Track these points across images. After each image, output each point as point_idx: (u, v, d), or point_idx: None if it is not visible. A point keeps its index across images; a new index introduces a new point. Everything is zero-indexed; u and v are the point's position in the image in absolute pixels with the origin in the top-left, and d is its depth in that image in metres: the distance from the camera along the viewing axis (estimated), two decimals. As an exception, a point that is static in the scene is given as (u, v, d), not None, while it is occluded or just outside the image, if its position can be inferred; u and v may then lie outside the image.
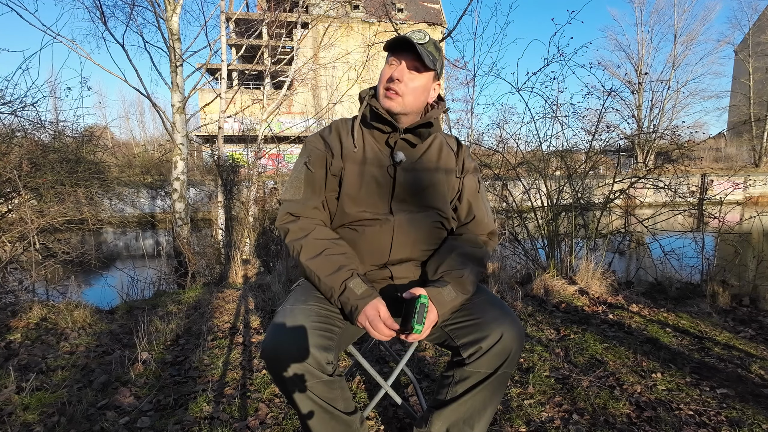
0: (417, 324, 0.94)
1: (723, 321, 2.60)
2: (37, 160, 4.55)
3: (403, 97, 1.08)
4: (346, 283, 1.02)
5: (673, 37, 26.97)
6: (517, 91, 4.15)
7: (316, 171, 1.13)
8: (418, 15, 25.58)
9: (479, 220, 1.21)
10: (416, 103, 1.11)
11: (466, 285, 1.07)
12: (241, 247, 4.72)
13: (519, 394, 1.70)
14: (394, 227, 1.10)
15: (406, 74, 1.08)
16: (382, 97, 1.10)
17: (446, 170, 1.18)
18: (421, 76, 1.09)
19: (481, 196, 1.23)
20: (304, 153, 1.17)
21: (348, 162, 1.12)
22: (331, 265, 1.04)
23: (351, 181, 1.11)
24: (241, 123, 9.41)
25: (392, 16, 8.06)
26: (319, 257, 1.06)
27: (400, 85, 1.07)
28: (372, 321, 0.98)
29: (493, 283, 3.21)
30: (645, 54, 27.12)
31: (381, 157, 1.14)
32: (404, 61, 1.08)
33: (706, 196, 4.47)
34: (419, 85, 1.10)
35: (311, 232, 1.09)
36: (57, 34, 5.32)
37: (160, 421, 1.53)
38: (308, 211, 1.12)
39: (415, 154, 1.16)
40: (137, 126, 34.70)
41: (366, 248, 1.12)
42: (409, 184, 1.13)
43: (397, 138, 1.14)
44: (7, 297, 3.24)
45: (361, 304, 0.99)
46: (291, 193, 1.14)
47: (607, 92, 3.82)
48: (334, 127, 1.19)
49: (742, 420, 1.50)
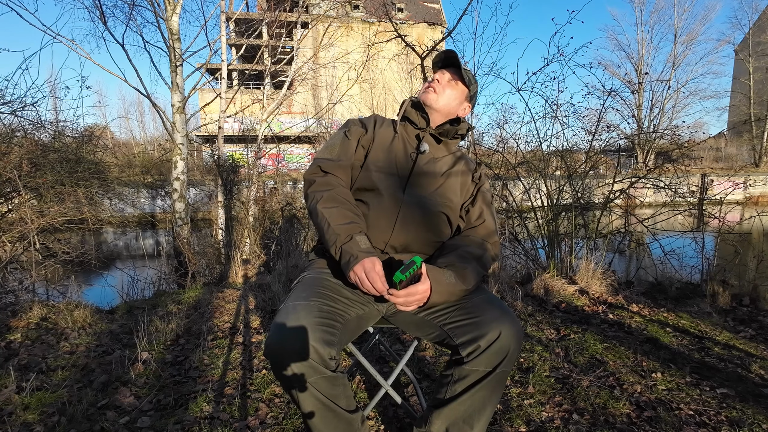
0: (399, 273, 0.95)
1: (723, 321, 2.60)
2: (37, 160, 4.54)
3: (438, 94, 1.27)
4: (353, 235, 1.07)
5: (673, 36, 26.98)
6: (517, 91, 4.14)
7: (352, 139, 1.26)
8: (418, 15, 25.57)
9: (487, 226, 1.26)
10: (448, 105, 1.29)
11: (467, 277, 1.10)
12: (241, 247, 4.72)
13: (519, 393, 1.70)
14: (401, 206, 1.17)
15: (447, 81, 1.29)
16: (423, 91, 1.31)
17: (462, 176, 1.29)
18: (457, 87, 1.29)
19: (492, 209, 1.32)
20: (344, 126, 1.32)
21: (378, 140, 1.27)
22: (344, 218, 1.10)
23: (376, 156, 1.23)
24: (241, 123, 9.41)
25: (392, 16, 8.06)
26: (335, 208, 1.12)
27: (439, 85, 1.28)
28: (368, 272, 1.00)
29: (493, 282, 3.21)
30: (645, 54, 27.12)
31: (407, 145, 1.28)
32: (447, 72, 1.31)
33: (706, 196, 4.47)
34: (453, 92, 1.29)
35: (335, 188, 1.16)
36: (57, 33, 5.31)
37: (160, 421, 1.53)
38: (337, 170, 1.21)
39: (438, 152, 1.30)
40: (137, 126, 34.72)
41: (371, 222, 1.17)
42: (426, 173, 1.24)
43: (425, 134, 1.29)
44: (7, 297, 3.24)
45: (361, 255, 1.03)
46: (326, 152, 1.25)
47: (608, 92, 3.82)
48: (371, 116, 1.35)
49: (742, 420, 1.50)
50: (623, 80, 7.67)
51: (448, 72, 1.30)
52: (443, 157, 1.29)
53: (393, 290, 0.98)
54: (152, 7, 5.99)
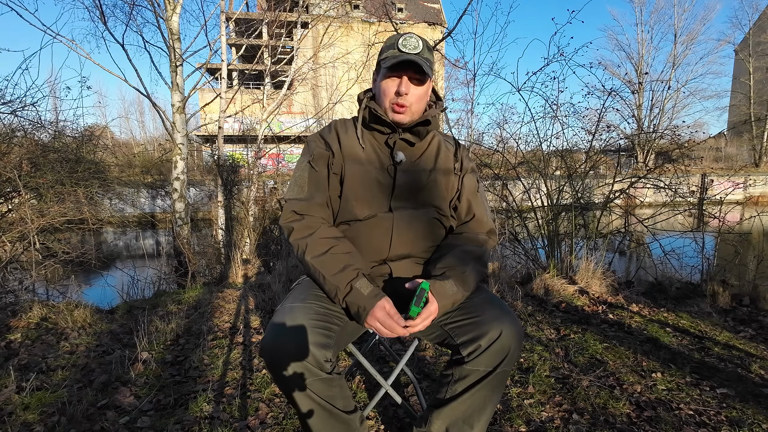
0: (414, 306, 0.95)
1: (723, 321, 2.60)
2: (37, 160, 4.55)
3: (410, 107, 1.12)
4: (352, 284, 1.01)
5: (673, 36, 26.99)
6: (517, 91, 4.15)
7: (319, 170, 1.15)
8: (418, 15, 25.57)
9: (479, 219, 1.22)
10: (421, 109, 1.16)
11: (467, 281, 1.08)
12: (241, 246, 4.72)
13: (519, 393, 1.70)
14: (393, 223, 1.13)
15: (411, 87, 1.11)
16: (389, 111, 1.13)
17: (445, 170, 1.20)
18: (422, 88, 1.13)
19: (480, 195, 1.25)
20: (307, 152, 1.19)
21: (349, 161, 1.14)
22: (337, 264, 1.04)
23: (353, 180, 1.13)
24: (241, 123, 9.41)
25: (392, 15, 8.06)
26: (325, 256, 1.06)
27: (406, 98, 1.11)
28: (383, 322, 0.98)
29: (493, 282, 3.21)
30: (645, 54, 27.14)
31: (381, 157, 1.17)
32: (405, 74, 1.10)
33: (706, 196, 4.47)
34: (423, 93, 1.14)
35: (317, 230, 1.10)
36: (57, 33, 5.32)
37: (160, 421, 1.53)
38: (313, 209, 1.13)
39: (415, 153, 1.19)
40: (137, 126, 34.69)
41: (366, 245, 1.13)
42: (409, 183, 1.16)
43: (396, 138, 1.16)
44: (7, 297, 3.24)
45: (369, 305, 0.99)
46: (295, 191, 1.15)
47: (608, 92, 3.82)
48: (333, 127, 1.21)
49: (742, 420, 1.50)
50: (623, 80, 7.68)
51: (406, 73, 1.10)
52: (421, 155, 1.20)
53: (410, 322, 0.98)
54: (152, 7, 5.99)
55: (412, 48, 1.09)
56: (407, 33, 1.12)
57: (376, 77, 1.20)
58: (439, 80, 11.50)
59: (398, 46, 1.09)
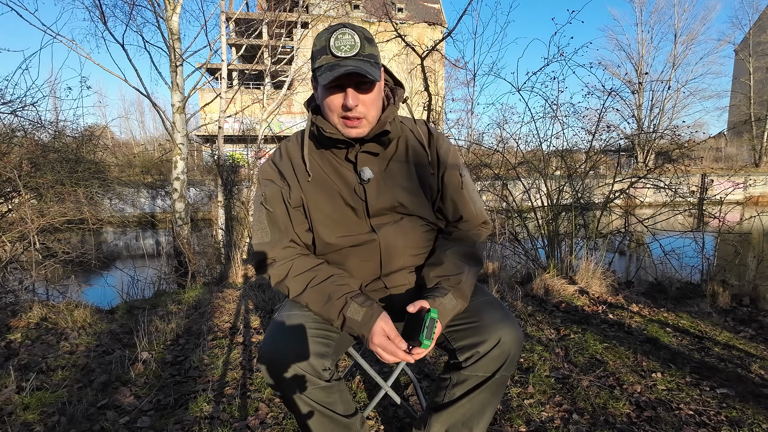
0: (426, 339, 0.89)
1: (723, 321, 2.60)
2: (37, 160, 4.55)
3: (365, 117, 0.98)
4: (343, 314, 0.95)
5: (674, 36, 27.00)
6: (517, 91, 4.14)
7: (275, 209, 1.05)
8: (418, 15, 25.57)
9: (467, 218, 1.11)
10: (378, 112, 1.01)
11: (465, 290, 1.02)
12: (241, 246, 4.72)
13: (519, 393, 1.70)
14: (380, 244, 1.05)
15: (360, 97, 0.96)
16: (342, 127, 0.99)
17: (420, 171, 1.09)
18: (372, 90, 0.97)
19: (465, 190, 1.11)
20: (259, 190, 1.08)
21: (309, 190, 1.04)
22: (321, 296, 0.99)
23: (319, 209, 1.04)
24: (241, 123, 9.41)
25: (392, 16, 8.06)
26: (306, 291, 1.00)
27: (358, 109, 0.96)
28: (384, 347, 0.92)
29: (493, 283, 3.21)
30: (645, 54, 27.14)
31: (346, 174, 1.05)
32: (348, 85, 0.94)
33: (707, 196, 4.46)
34: (374, 97, 0.98)
35: (290, 269, 1.03)
36: (57, 33, 5.32)
37: (160, 421, 1.53)
38: (280, 252, 1.04)
39: (382, 163, 1.07)
40: (137, 126, 34.71)
41: (356, 267, 1.07)
42: (383, 199, 1.05)
43: (357, 151, 1.03)
44: (7, 297, 3.25)
45: (366, 332, 0.93)
46: (259, 236, 1.07)
47: (608, 92, 3.82)
48: (284, 151, 1.09)
49: (742, 420, 1.49)
50: (623, 80, 7.68)
51: (350, 87, 0.94)
52: (388, 163, 1.07)
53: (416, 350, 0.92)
54: (152, 6, 5.99)
55: (348, 49, 0.92)
56: (339, 27, 0.94)
57: (315, 85, 1.03)
58: (439, 80, 11.50)
59: (331, 50, 0.92)
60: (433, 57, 6.13)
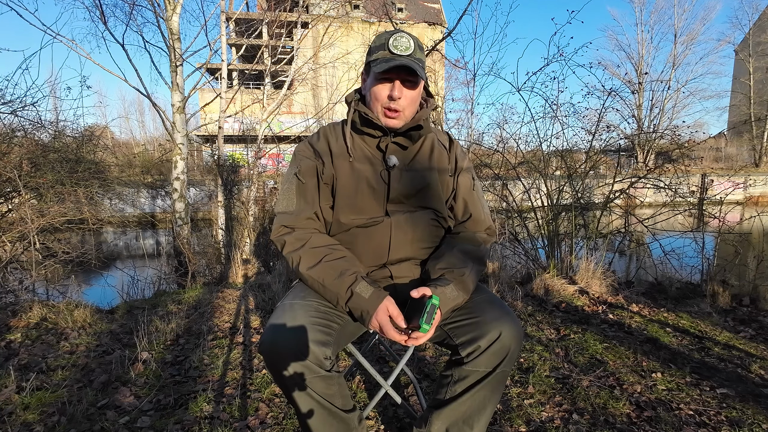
0: (425, 323, 0.93)
1: (723, 321, 2.60)
2: (37, 160, 4.55)
3: (403, 111, 1.09)
4: (352, 289, 1.01)
5: (673, 36, 26.99)
6: (517, 91, 4.15)
7: (307, 181, 1.13)
8: (418, 15, 25.57)
9: (476, 218, 1.20)
10: (414, 111, 1.13)
11: (467, 284, 1.07)
12: (241, 246, 4.72)
13: (519, 393, 1.70)
14: (392, 228, 1.11)
15: (404, 91, 1.08)
16: (382, 116, 1.10)
17: (439, 170, 1.18)
18: (415, 91, 1.10)
19: (476, 193, 1.23)
20: (294, 163, 1.18)
21: (340, 169, 1.12)
22: (334, 271, 1.03)
23: (345, 188, 1.12)
24: (241, 123, 9.40)
25: (392, 16, 8.07)
26: (320, 265, 1.05)
27: (399, 102, 1.07)
28: (385, 325, 0.98)
29: (493, 282, 3.21)
30: (645, 54, 27.12)
31: (373, 161, 1.15)
32: (398, 78, 1.07)
33: (707, 196, 4.46)
34: (415, 96, 1.11)
35: (308, 241, 1.09)
36: (57, 33, 5.31)
37: (160, 421, 1.53)
38: (302, 222, 1.11)
39: (408, 156, 1.17)
40: (137, 126, 34.69)
41: (364, 250, 1.13)
42: (404, 186, 1.14)
43: (388, 142, 1.14)
44: (7, 297, 3.25)
45: (371, 308, 0.99)
46: (284, 204, 1.14)
47: (608, 92, 3.82)
48: (322, 134, 1.19)
49: (742, 420, 1.50)
50: (623, 80, 7.68)
51: (398, 80, 1.07)
52: (414, 156, 1.17)
53: (416, 334, 0.97)
54: (152, 6, 5.99)
55: (404, 49, 1.05)
56: (398, 31, 1.08)
57: (365, 77, 1.16)
58: (439, 80, 11.50)
59: (389, 47, 1.05)
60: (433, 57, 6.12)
